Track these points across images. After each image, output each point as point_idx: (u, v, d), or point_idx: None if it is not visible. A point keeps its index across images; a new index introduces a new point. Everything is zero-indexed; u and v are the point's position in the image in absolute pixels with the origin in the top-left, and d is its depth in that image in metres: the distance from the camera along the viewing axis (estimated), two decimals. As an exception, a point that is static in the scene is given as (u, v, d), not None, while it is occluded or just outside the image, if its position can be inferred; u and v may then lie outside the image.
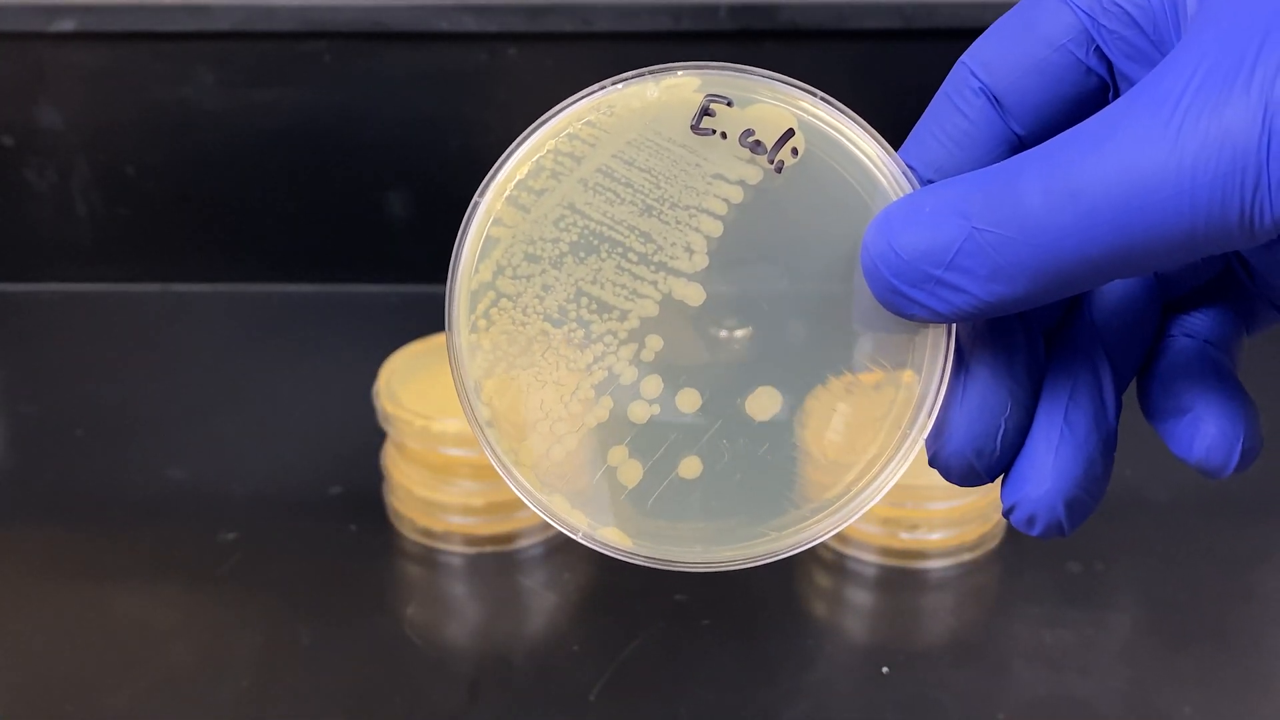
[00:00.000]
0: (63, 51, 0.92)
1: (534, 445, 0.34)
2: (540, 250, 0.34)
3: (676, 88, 0.34)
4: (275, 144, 0.95)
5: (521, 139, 0.34)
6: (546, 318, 0.34)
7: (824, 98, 0.34)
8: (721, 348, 0.34)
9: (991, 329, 0.33)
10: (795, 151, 0.34)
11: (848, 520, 0.34)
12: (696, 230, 0.34)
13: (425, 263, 0.96)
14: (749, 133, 0.34)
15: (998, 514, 0.74)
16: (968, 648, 0.70)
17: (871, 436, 0.34)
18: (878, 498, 0.34)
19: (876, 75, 0.91)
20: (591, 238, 0.34)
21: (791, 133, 0.34)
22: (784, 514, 0.34)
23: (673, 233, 0.34)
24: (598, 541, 0.34)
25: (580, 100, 0.34)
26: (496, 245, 0.34)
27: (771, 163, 0.34)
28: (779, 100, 0.34)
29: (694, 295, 0.34)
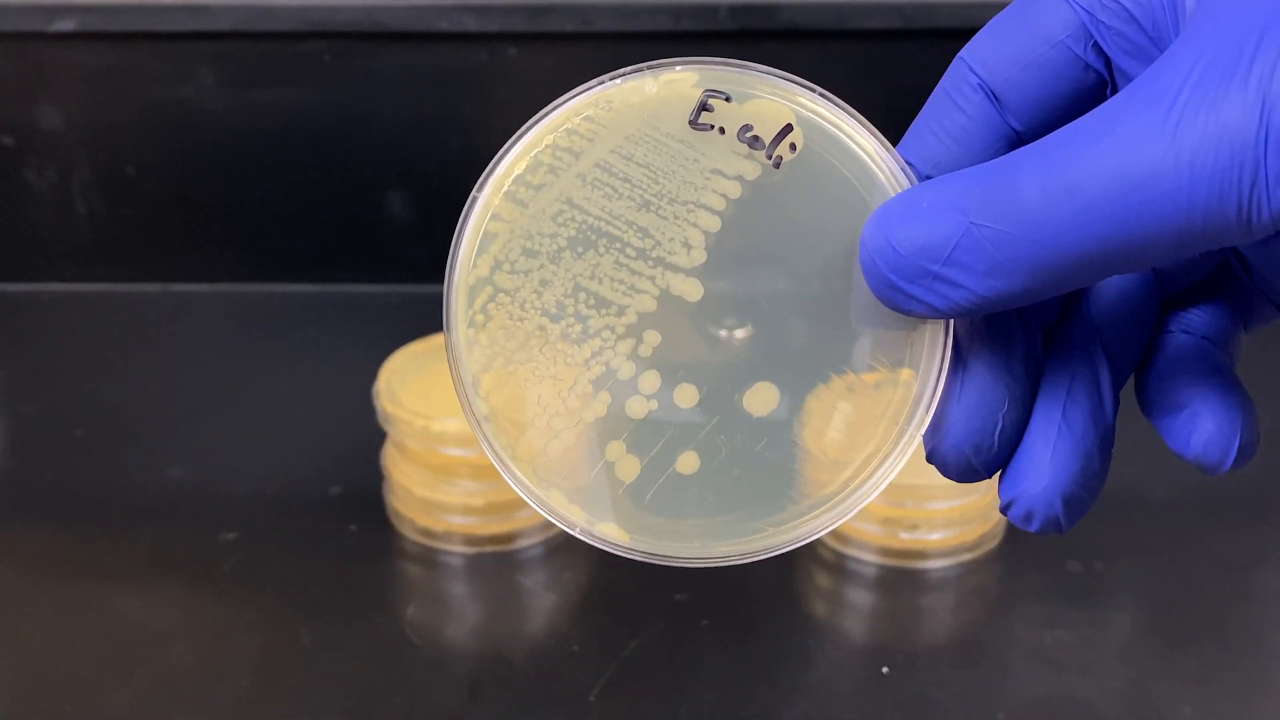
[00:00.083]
0: (63, 51, 0.92)
1: (532, 440, 0.34)
2: (538, 245, 0.34)
3: (675, 83, 0.34)
4: (275, 144, 0.95)
5: (520, 134, 0.34)
6: (544, 313, 0.34)
7: (822, 93, 0.34)
8: (719, 343, 0.34)
9: (989, 325, 0.33)
10: (793, 147, 0.34)
11: (845, 516, 0.34)
12: (694, 225, 0.34)
13: (425, 263, 0.95)
14: (747, 128, 0.34)
15: (998, 514, 0.74)
16: (968, 648, 0.70)
17: (869, 433, 0.34)
18: (875, 494, 0.34)
19: (876, 75, 0.90)
20: (589, 233, 0.34)
21: (790, 128, 0.34)
22: (782, 510, 0.34)
23: (671, 228, 0.34)
24: (595, 537, 0.34)
25: (578, 95, 0.34)
26: (494, 240, 0.34)
27: (770, 158, 0.34)
28: (777, 96, 0.34)
29: (692, 291, 0.34)
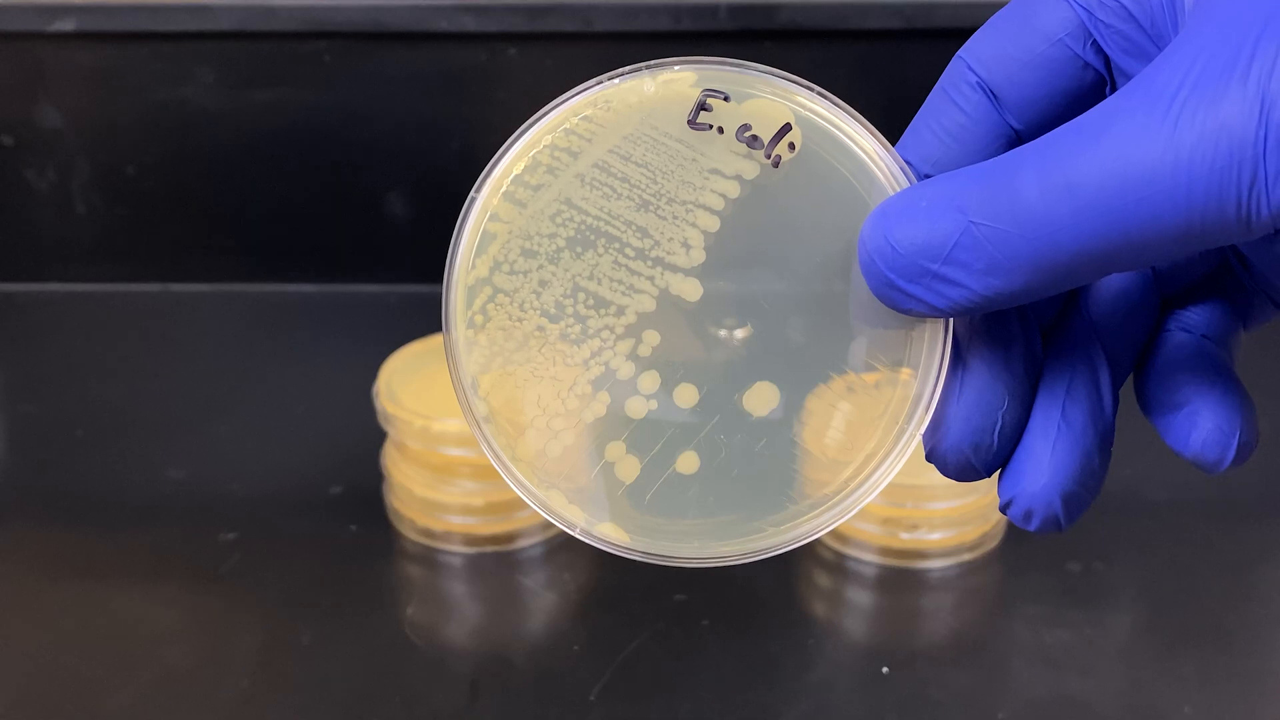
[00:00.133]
0: (63, 51, 0.92)
1: (531, 441, 0.34)
2: (537, 246, 0.34)
3: (673, 83, 0.34)
4: (275, 144, 0.95)
5: (518, 134, 0.34)
6: (543, 313, 0.34)
7: (821, 92, 0.34)
8: (718, 343, 0.34)
9: (988, 324, 0.33)
10: (792, 146, 0.34)
11: (845, 516, 0.34)
12: (693, 225, 0.34)
13: (425, 263, 0.95)
14: (746, 128, 0.34)
15: (998, 514, 0.74)
16: (968, 648, 0.70)
17: (869, 432, 0.34)
18: (874, 493, 0.34)
19: (876, 75, 0.90)
20: (588, 233, 0.34)
21: (788, 128, 0.34)
22: (781, 509, 0.34)
23: (670, 228, 0.34)
24: (595, 537, 0.34)
25: (577, 95, 0.34)
26: (493, 241, 0.34)
27: (768, 158, 0.34)
28: (776, 95, 0.34)
29: (691, 291, 0.34)
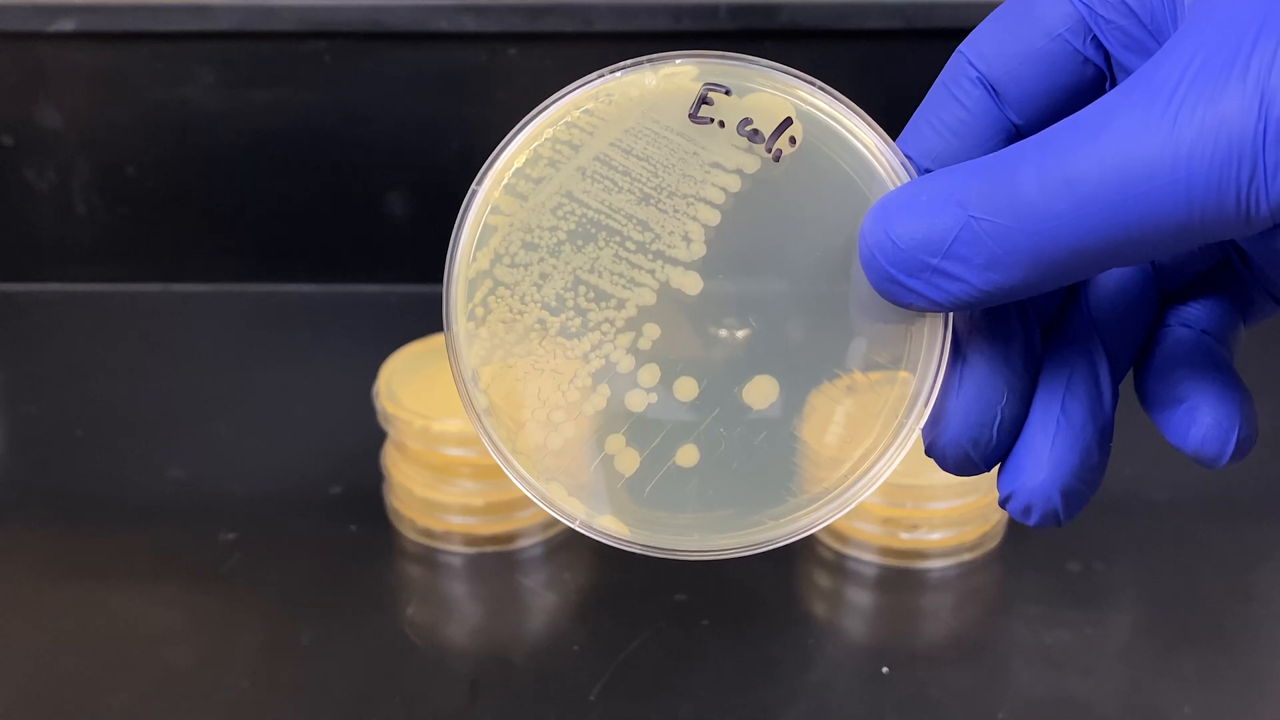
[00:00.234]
0: (63, 51, 0.92)
1: (531, 433, 0.34)
2: (538, 238, 0.34)
3: (674, 76, 0.34)
4: (275, 144, 0.95)
5: (520, 127, 0.34)
6: (544, 306, 0.34)
7: (822, 87, 0.34)
8: (719, 337, 0.34)
9: (988, 318, 0.33)
10: (793, 140, 0.34)
11: (844, 509, 0.34)
12: (694, 219, 0.34)
13: (425, 262, 0.95)
14: (747, 121, 0.34)
15: (998, 514, 0.74)
16: (968, 648, 0.70)
17: (869, 426, 0.34)
18: (874, 487, 0.34)
19: (876, 75, 0.90)
20: (589, 226, 0.34)
21: (789, 121, 0.34)
22: (781, 503, 0.34)
23: (670, 221, 0.34)
24: (595, 530, 0.34)
25: (579, 88, 0.34)
26: (494, 233, 0.34)
27: (769, 152, 0.34)
28: (777, 89, 0.34)
29: (691, 284, 0.34)
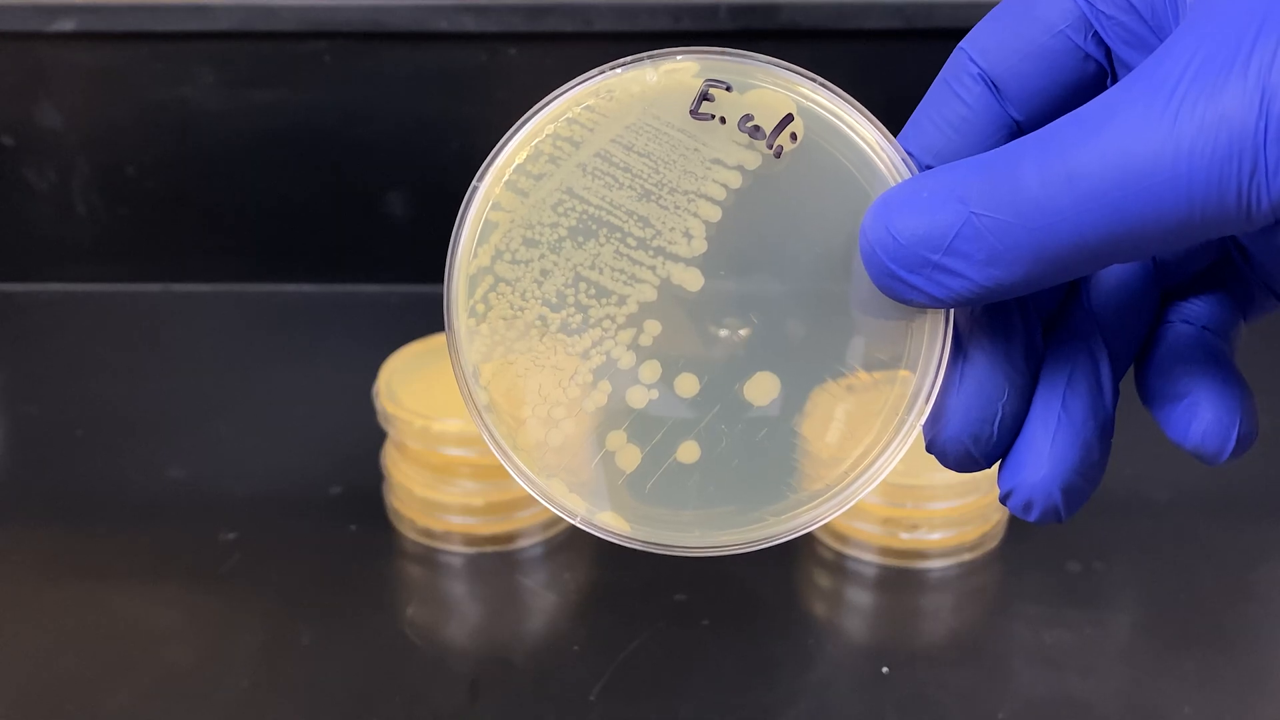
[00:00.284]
0: (63, 51, 0.92)
1: (532, 430, 0.34)
2: (539, 235, 0.34)
3: (675, 73, 0.34)
4: (275, 144, 0.95)
5: (520, 123, 0.34)
6: (545, 302, 0.34)
7: (823, 83, 0.34)
8: (719, 333, 0.34)
9: (989, 315, 0.33)
10: (794, 137, 0.34)
11: (845, 506, 0.34)
12: (695, 215, 0.34)
13: (425, 262, 0.95)
14: (748, 118, 0.34)
15: (998, 514, 0.74)
16: (968, 648, 0.70)
17: (870, 422, 0.34)
18: (874, 483, 0.34)
19: (876, 75, 0.90)
20: (590, 222, 0.34)
21: (790, 118, 0.34)
22: (782, 499, 0.34)
23: (671, 218, 0.34)
24: (595, 526, 0.34)
25: (579, 85, 0.34)
26: (495, 230, 0.34)
27: (770, 148, 0.34)
28: (778, 85, 0.34)
29: (692, 281, 0.34)
